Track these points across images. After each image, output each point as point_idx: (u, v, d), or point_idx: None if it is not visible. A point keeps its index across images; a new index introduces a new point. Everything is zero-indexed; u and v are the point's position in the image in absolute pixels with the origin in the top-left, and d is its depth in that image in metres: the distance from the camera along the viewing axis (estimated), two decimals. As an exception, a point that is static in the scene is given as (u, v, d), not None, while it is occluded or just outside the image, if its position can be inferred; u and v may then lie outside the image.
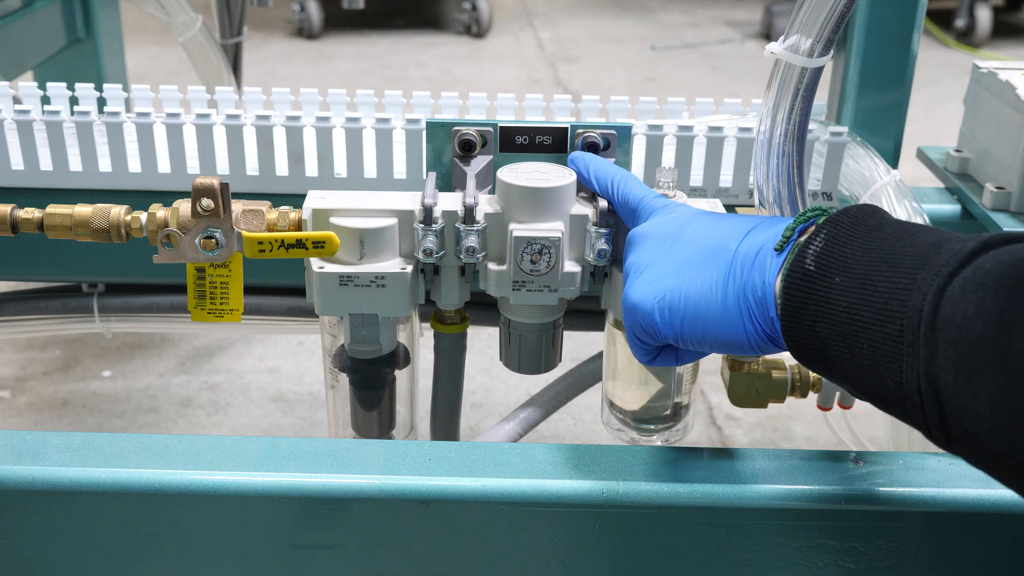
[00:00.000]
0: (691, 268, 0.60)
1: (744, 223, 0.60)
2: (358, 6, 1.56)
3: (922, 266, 0.48)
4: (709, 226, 0.61)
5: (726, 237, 0.60)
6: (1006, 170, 0.95)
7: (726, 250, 0.59)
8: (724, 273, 0.58)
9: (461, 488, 0.67)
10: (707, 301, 0.59)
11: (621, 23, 4.37)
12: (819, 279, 0.53)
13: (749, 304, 0.57)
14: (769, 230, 0.58)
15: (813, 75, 0.67)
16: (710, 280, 0.59)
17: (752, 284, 0.57)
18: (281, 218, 0.76)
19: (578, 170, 0.74)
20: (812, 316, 0.53)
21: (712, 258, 0.59)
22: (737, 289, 0.57)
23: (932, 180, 1.04)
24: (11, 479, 0.66)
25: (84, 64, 1.61)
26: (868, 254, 0.52)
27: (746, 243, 0.58)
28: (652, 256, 0.63)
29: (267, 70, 3.51)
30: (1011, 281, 0.45)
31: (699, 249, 0.60)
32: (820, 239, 0.54)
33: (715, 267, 0.59)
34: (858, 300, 0.50)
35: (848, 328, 0.51)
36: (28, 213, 0.76)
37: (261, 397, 1.65)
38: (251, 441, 0.71)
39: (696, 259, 0.60)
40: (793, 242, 0.56)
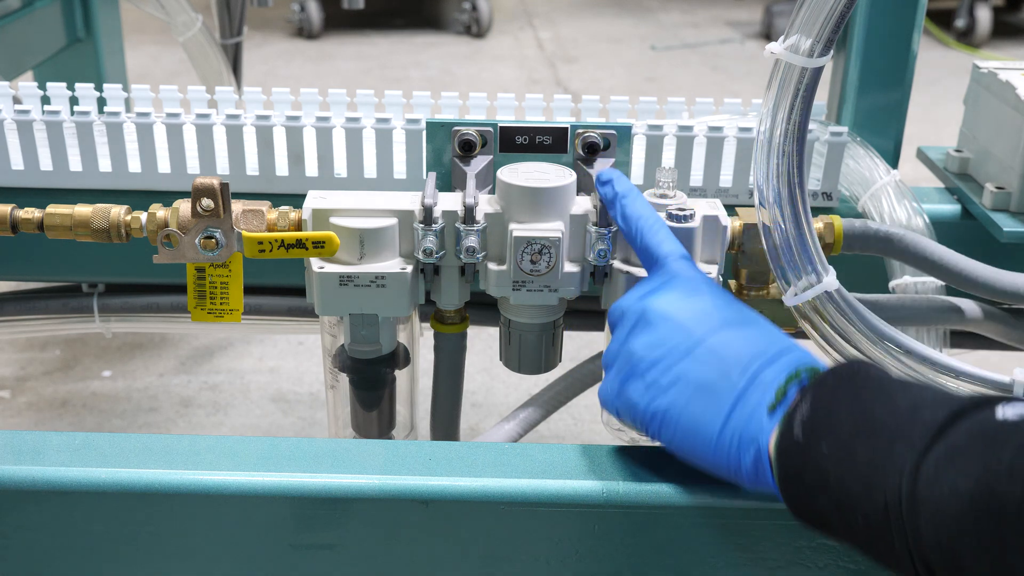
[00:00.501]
0: (692, 391, 0.59)
1: (753, 357, 0.58)
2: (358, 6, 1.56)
3: (899, 437, 0.49)
4: (722, 349, 0.59)
5: (735, 373, 0.58)
6: (1006, 170, 0.94)
7: (729, 392, 0.58)
8: (723, 417, 0.58)
9: (461, 488, 0.67)
10: (704, 440, 0.59)
11: (621, 23, 4.37)
12: (808, 448, 0.53)
13: (746, 464, 0.57)
14: (775, 372, 0.58)
15: (813, 75, 0.67)
16: (709, 418, 0.58)
17: (748, 444, 0.57)
18: (281, 218, 0.76)
19: (605, 196, 0.71)
20: (808, 487, 0.53)
21: (714, 393, 0.58)
22: (733, 443, 0.57)
23: (932, 180, 1.04)
24: (11, 479, 0.66)
25: (84, 64, 1.61)
26: (852, 418, 0.52)
27: (748, 395, 0.57)
28: (658, 353, 0.61)
29: (267, 70, 3.51)
30: (981, 461, 0.45)
31: (705, 373, 0.59)
32: (806, 404, 0.54)
33: (715, 405, 0.58)
34: (846, 471, 0.51)
35: (843, 499, 0.51)
36: (28, 213, 0.76)
37: (261, 397, 1.65)
38: (251, 441, 0.71)
39: (700, 383, 0.59)
40: (785, 405, 0.56)
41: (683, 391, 0.59)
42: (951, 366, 0.71)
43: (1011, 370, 0.71)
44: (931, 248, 0.82)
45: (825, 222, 0.79)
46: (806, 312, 0.72)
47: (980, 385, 0.71)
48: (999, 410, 0.47)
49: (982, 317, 0.89)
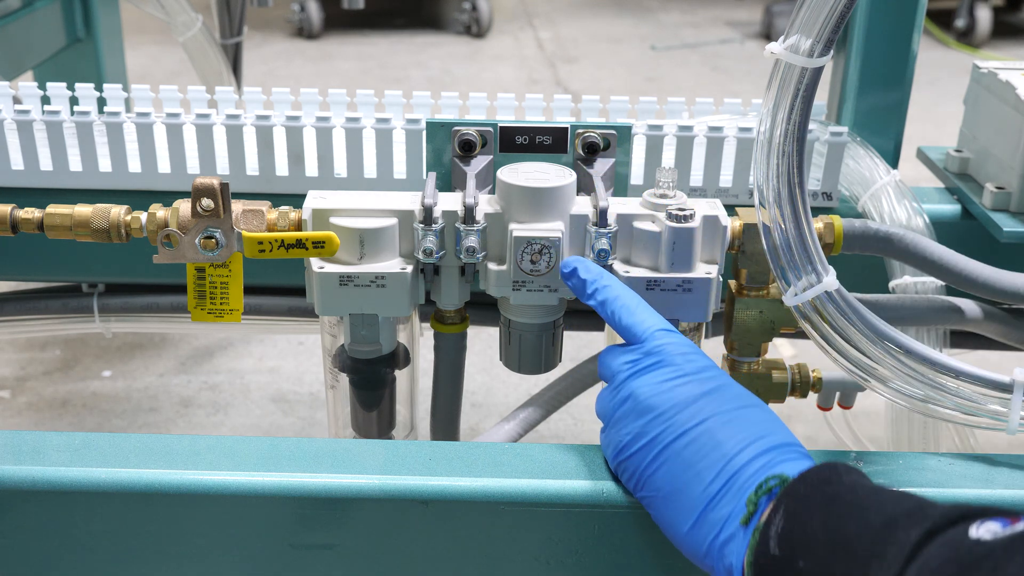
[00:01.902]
0: (670, 488, 0.61)
1: (729, 458, 0.59)
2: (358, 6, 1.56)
3: (875, 556, 0.49)
4: (701, 444, 0.60)
5: (710, 475, 0.59)
6: (1006, 170, 0.94)
7: (701, 496, 0.59)
8: (694, 520, 0.59)
9: (461, 488, 0.67)
10: (679, 537, 0.60)
11: (621, 23, 4.37)
12: (785, 564, 0.53)
13: (719, 572, 0.58)
14: (749, 476, 0.58)
15: (813, 75, 0.67)
16: (682, 519, 0.60)
17: (721, 554, 0.58)
18: (281, 218, 0.76)
19: (574, 288, 0.71)
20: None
21: (688, 496, 0.60)
22: (706, 547, 0.59)
23: (932, 180, 1.04)
24: (11, 479, 0.66)
25: (84, 64, 1.61)
26: (827, 532, 0.52)
27: (721, 503, 0.58)
28: (642, 443, 0.62)
29: (267, 70, 3.51)
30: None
31: (681, 473, 0.60)
32: (780, 516, 0.54)
33: (689, 507, 0.60)
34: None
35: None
36: (28, 213, 0.76)
37: (261, 397, 1.65)
38: (251, 441, 0.71)
39: (676, 483, 0.60)
40: (757, 518, 0.56)
41: (662, 486, 0.61)
42: (951, 366, 0.71)
43: (1011, 370, 0.71)
44: (931, 248, 0.82)
45: (825, 222, 0.79)
46: (806, 312, 0.72)
47: (980, 385, 0.71)
48: (972, 529, 0.47)
49: (982, 317, 0.89)
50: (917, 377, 0.71)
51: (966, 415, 0.72)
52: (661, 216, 0.74)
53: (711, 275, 0.74)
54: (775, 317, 0.80)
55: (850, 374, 0.73)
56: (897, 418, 0.99)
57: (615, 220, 0.74)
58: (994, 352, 1.02)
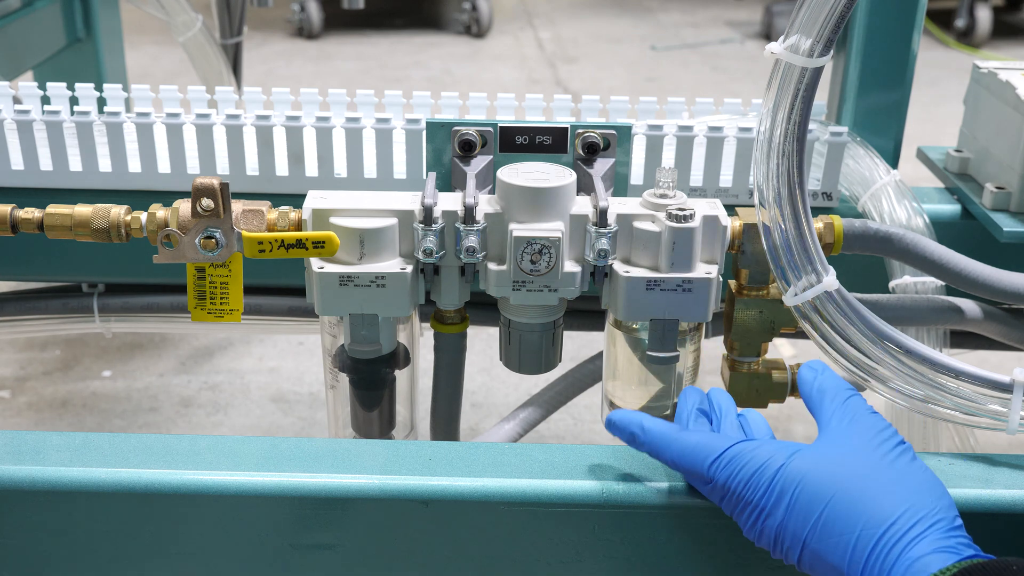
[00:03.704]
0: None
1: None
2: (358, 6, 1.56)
3: None
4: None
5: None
6: (1006, 170, 0.94)
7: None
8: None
9: (461, 488, 0.67)
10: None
11: (621, 23, 4.37)
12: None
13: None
14: None
15: (813, 75, 0.67)
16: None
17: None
18: (281, 218, 0.76)
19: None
20: None
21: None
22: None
23: (932, 180, 1.04)
24: (11, 479, 0.66)
25: (84, 64, 1.61)
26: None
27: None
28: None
29: (267, 70, 3.51)
30: None
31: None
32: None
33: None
34: None
35: None
36: (28, 213, 0.76)
37: (261, 397, 1.65)
38: (251, 441, 0.71)
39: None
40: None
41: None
42: (951, 366, 0.71)
43: (1011, 370, 0.71)
44: (931, 248, 0.82)
45: (825, 222, 0.79)
46: (806, 312, 0.72)
47: (980, 385, 0.71)
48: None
49: (982, 317, 0.89)
50: (917, 377, 0.71)
51: (966, 415, 0.72)
52: (661, 216, 0.74)
53: (711, 275, 0.74)
54: (775, 317, 0.80)
55: (850, 374, 0.73)
56: (897, 418, 0.99)
57: (615, 220, 0.74)
58: (994, 352, 1.02)
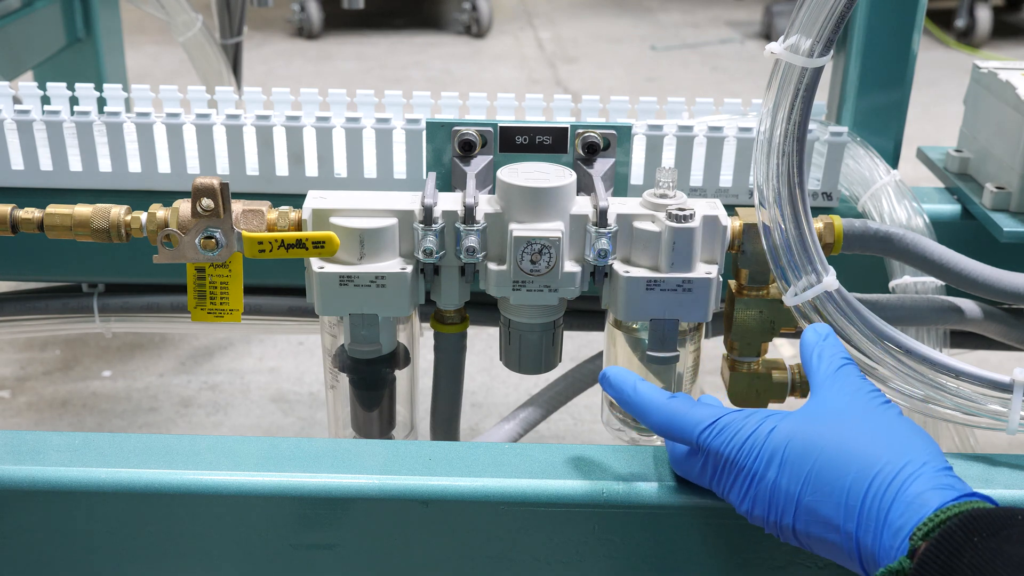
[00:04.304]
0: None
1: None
2: (358, 6, 1.56)
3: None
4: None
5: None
6: (1006, 170, 0.94)
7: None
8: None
9: (461, 488, 0.67)
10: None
11: (621, 23, 4.37)
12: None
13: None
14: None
15: (813, 75, 0.67)
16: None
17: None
18: (281, 218, 0.76)
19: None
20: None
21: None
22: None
23: (932, 180, 1.04)
24: (11, 479, 0.66)
25: (84, 64, 1.61)
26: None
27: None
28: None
29: (267, 70, 3.51)
30: None
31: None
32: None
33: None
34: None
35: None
36: (28, 213, 0.76)
37: (261, 397, 1.65)
38: (251, 441, 0.71)
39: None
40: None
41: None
42: (951, 366, 0.71)
43: (1011, 370, 0.71)
44: (931, 248, 0.82)
45: (825, 222, 0.79)
46: (806, 312, 0.72)
47: (980, 385, 0.71)
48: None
49: (982, 317, 0.89)
50: (917, 377, 0.71)
51: (966, 415, 0.72)
52: (661, 216, 0.74)
53: (711, 275, 0.74)
54: (775, 317, 0.80)
55: (850, 374, 0.73)
56: (897, 418, 0.99)
57: (615, 220, 0.74)
58: (994, 352, 1.02)
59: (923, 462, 0.57)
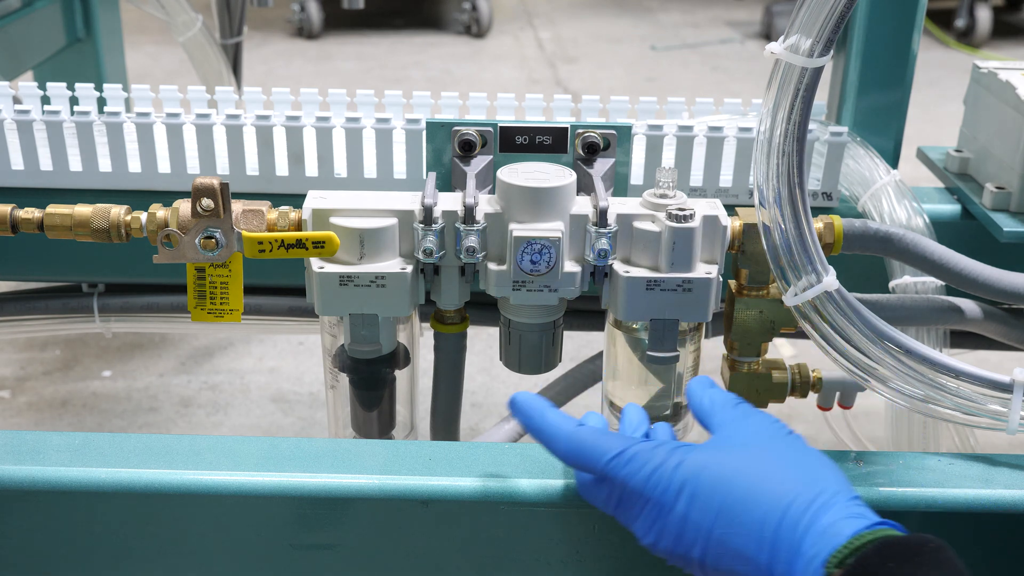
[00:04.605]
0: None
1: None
2: (358, 6, 1.56)
3: None
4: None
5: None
6: (1006, 170, 0.94)
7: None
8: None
9: (461, 488, 0.67)
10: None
11: (621, 23, 4.37)
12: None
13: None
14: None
15: (813, 75, 0.67)
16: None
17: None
18: (281, 218, 0.76)
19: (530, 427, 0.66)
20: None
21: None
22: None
23: (932, 180, 1.04)
24: (11, 479, 0.66)
25: (84, 64, 1.61)
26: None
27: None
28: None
29: (267, 70, 3.51)
30: None
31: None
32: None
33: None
34: None
35: None
36: (28, 213, 0.76)
37: (261, 397, 1.65)
38: (251, 441, 0.71)
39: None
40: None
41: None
42: (951, 366, 0.71)
43: (1011, 370, 0.71)
44: (931, 248, 0.82)
45: (825, 222, 0.79)
46: (806, 312, 0.72)
47: (980, 385, 0.71)
48: None
49: (982, 317, 0.89)
50: (917, 377, 0.71)
51: (966, 415, 0.72)
52: (661, 216, 0.74)
53: (711, 275, 0.74)
54: (775, 317, 0.80)
55: (850, 374, 0.73)
56: (897, 418, 0.99)
57: (615, 220, 0.74)
58: (994, 352, 1.02)
59: (834, 492, 0.57)
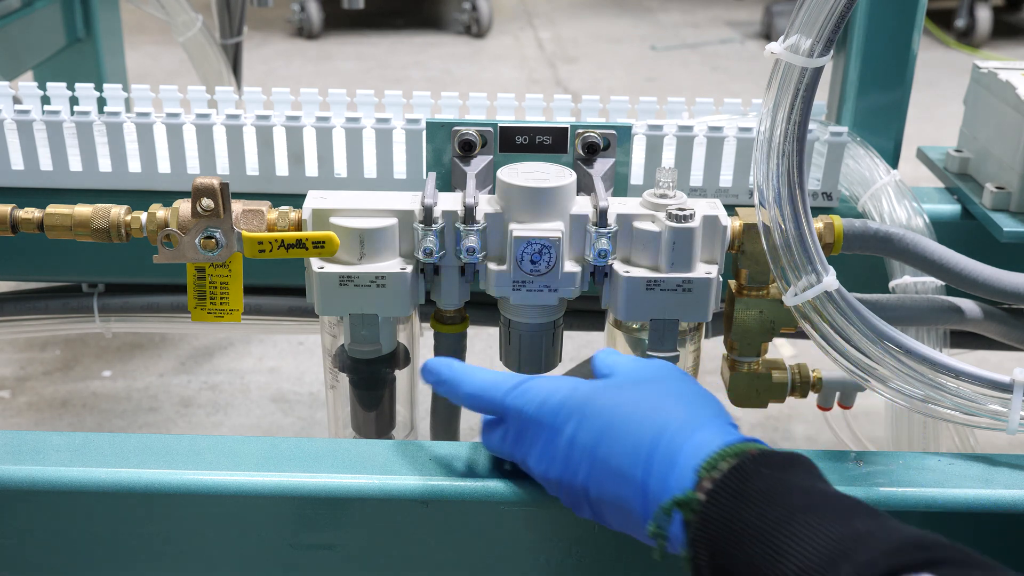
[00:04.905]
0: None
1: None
2: (358, 6, 1.56)
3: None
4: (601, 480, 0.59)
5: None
6: (1006, 170, 0.94)
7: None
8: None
9: (461, 488, 0.67)
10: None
11: (621, 23, 4.37)
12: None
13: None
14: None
15: (813, 75, 0.67)
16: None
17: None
18: (281, 218, 0.76)
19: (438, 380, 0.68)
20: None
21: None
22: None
23: (932, 180, 1.04)
24: (11, 479, 0.66)
25: (84, 64, 1.61)
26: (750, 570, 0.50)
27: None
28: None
29: (267, 70, 3.51)
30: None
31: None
32: (705, 550, 0.53)
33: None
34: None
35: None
36: (28, 213, 0.76)
37: (261, 397, 1.65)
38: (251, 441, 0.71)
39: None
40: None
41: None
42: (951, 366, 0.71)
43: (1011, 370, 0.71)
44: (931, 248, 0.82)
45: (825, 222, 0.79)
46: (806, 312, 0.72)
47: (980, 385, 0.71)
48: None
49: (982, 317, 0.89)
50: (917, 377, 0.71)
51: (966, 415, 0.72)
52: (661, 216, 0.74)
53: (711, 275, 0.74)
54: (775, 317, 0.80)
55: (850, 374, 0.73)
56: (897, 418, 0.99)
57: (615, 220, 0.74)
58: (994, 352, 1.02)
59: (713, 415, 0.59)
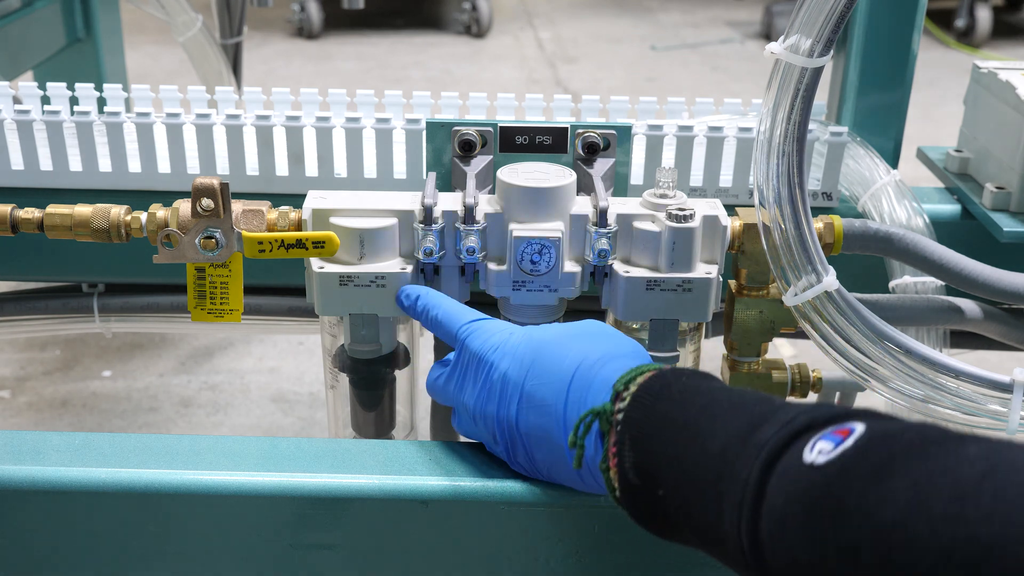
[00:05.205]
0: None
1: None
2: (358, 6, 1.56)
3: (722, 493, 0.48)
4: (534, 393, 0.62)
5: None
6: (1006, 170, 0.94)
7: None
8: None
9: (461, 488, 0.67)
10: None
11: (621, 23, 4.37)
12: (647, 492, 0.54)
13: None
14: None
15: (813, 75, 0.67)
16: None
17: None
18: (281, 218, 0.76)
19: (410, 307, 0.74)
20: (658, 525, 0.55)
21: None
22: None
23: (932, 180, 1.04)
24: (11, 479, 0.66)
25: (84, 64, 1.61)
26: (671, 462, 0.52)
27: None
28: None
29: (267, 70, 3.51)
30: (807, 535, 0.43)
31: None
32: (628, 449, 0.55)
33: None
34: (685, 516, 0.52)
35: (691, 539, 0.53)
36: (28, 213, 0.76)
37: (261, 397, 1.65)
38: (251, 441, 0.71)
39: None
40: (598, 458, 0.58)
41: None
42: (951, 366, 0.71)
43: (1011, 370, 0.71)
44: (931, 248, 0.83)
45: (825, 222, 0.79)
46: (806, 312, 0.72)
47: (979, 385, 0.71)
48: (806, 453, 0.45)
49: (982, 317, 0.89)
50: (917, 377, 0.72)
51: (966, 415, 0.72)
52: (661, 216, 0.74)
53: (711, 275, 0.74)
54: (775, 317, 0.80)
55: (850, 374, 0.73)
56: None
57: (615, 220, 0.74)
58: (994, 352, 1.02)
59: (632, 352, 0.62)
